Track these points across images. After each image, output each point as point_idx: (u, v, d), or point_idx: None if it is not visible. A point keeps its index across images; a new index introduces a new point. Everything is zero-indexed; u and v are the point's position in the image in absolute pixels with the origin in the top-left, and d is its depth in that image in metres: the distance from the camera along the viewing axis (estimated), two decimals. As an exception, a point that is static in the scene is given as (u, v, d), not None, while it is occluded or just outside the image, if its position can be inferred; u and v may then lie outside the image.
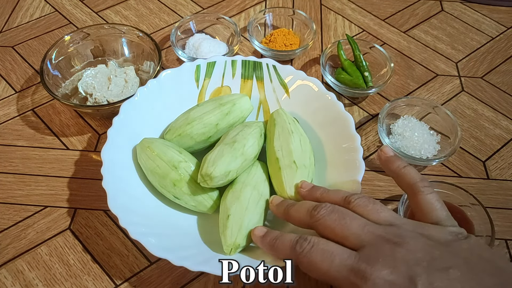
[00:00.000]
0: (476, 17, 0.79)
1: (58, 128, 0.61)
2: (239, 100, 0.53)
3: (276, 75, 0.57)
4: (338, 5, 0.80)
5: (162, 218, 0.48)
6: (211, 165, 0.46)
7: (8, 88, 0.66)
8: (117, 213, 0.43)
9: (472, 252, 0.34)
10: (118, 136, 0.50)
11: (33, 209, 0.53)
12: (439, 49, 0.73)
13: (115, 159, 0.48)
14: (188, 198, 0.48)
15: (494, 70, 0.71)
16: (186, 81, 0.57)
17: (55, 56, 0.62)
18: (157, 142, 0.50)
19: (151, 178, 0.49)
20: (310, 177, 0.48)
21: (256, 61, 0.58)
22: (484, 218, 0.48)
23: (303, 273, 0.48)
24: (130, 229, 0.43)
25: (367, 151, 0.60)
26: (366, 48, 0.68)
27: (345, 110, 0.52)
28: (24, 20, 0.76)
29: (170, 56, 0.71)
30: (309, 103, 0.55)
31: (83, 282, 0.47)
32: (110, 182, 0.46)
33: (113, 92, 0.59)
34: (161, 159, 0.48)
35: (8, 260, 0.49)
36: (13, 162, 0.57)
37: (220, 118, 0.52)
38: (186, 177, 0.48)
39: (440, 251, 0.34)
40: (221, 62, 0.58)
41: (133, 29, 0.65)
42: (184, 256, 0.42)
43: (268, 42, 0.71)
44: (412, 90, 0.67)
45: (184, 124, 0.52)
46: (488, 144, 0.61)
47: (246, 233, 0.44)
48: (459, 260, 0.33)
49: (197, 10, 0.79)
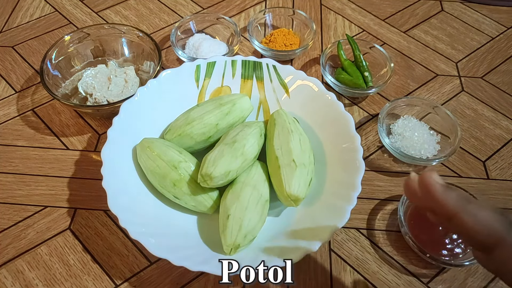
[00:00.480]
0: (476, 17, 0.79)
1: (58, 128, 0.61)
2: (239, 100, 0.54)
3: (276, 75, 0.57)
4: (338, 5, 0.80)
5: (162, 218, 0.48)
6: (211, 165, 0.46)
7: (8, 88, 0.66)
8: (117, 213, 0.43)
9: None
10: (118, 136, 0.50)
11: (33, 209, 0.53)
12: (439, 49, 0.73)
13: (115, 159, 0.48)
14: (188, 198, 0.48)
15: (494, 70, 0.71)
16: (186, 81, 0.57)
17: (55, 56, 0.62)
18: (157, 142, 0.50)
19: (151, 178, 0.49)
20: (309, 176, 0.48)
21: (256, 61, 0.58)
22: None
23: (303, 273, 0.49)
24: (130, 229, 0.43)
25: (367, 151, 0.60)
26: (366, 48, 0.68)
27: (345, 110, 0.52)
28: (24, 20, 0.76)
29: (170, 56, 0.71)
30: (309, 103, 0.55)
31: (83, 282, 0.47)
32: (110, 182, 0.46)
33: (113, 92, 0.59)
34: (161, 159, 0.48)
35: (8, 260, 0.49)
36: (13, 162, 0.57)
37: (220, 118, 0.52)
38: (186, 177, 0.48)
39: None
40: (221, 62, 0.58)
41: (133, 29, 0.65)
42: (184, 256, 0.42)
43: (268, 42, 0.70)
44: (412, 90, 0.67)
45: (184, 124, 0.52)
46: (488, 144, 0.61)
47: (246, 233, 0.44)
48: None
49: (197, 10, 0.79)
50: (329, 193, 0.48)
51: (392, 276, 0.49)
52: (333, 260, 0.50)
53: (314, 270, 0.49)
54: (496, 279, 0.49)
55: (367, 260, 0.50)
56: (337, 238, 0.52)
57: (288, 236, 0.46)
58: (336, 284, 0.48)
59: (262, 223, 0.46)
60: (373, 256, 0.50)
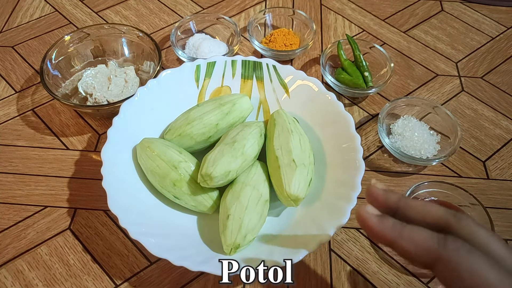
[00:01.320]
0: (476, 17, 0.79)
1: (58, 128, 0.61)
2: (239, 100, 0.54)
3: (276, 75, 0.57)
4: (338, 5, 0.80)
5: (162, 218, 0.48)
6: (211, 165, 0.46)
7: (8, 88, 0.66)
8: (117, 213, 0.43)
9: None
10: (118, 136, 0.50)
11: (33, 209, 0.53)
12: (439, 49, 0.73)
13: (115, 159, 0.48)
14: (188, 198, 0.48)
15: (494, 70, 0.71)
16: (186, 81, 0.57)
17: (55, 56, 0.62)
18: (157, 142, 0.50)
19: (151, 178, 0.49)
20: (309, 176, 0.48)
21: (256, 61, 0.58)
22: (484, 218, 0.48)
23: (303, 273, 0.49)
24: (130, 229, 0.43)
25: (367, 151, 0.60)
26: (366, 48, 0.68)
27: (345, 110, 0.52)
28: (24, 20, 0.76)
29: (170, 56, 0.71)
30: (309, 103, 0.55)
31: (83, 282, 0.47)
32: (110, 182, 0.46)
33: (113, 92, 0.59)
34: (161, 159, 0.48)
35: (8, 260, 0.49)
36: (13, 162, 0.57)
37: (220, 118, 0.52)
38: (186, 177, 0.48)
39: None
40: (221, 62, 0.58)
41: (133, 29, 0.65)
42: (184, 256, 0.42)
43: (268, 42, 0.71)
44: (412, 90, 0.67)
45: (184, 124, 0.52)
46: (488, 144, 0.61)
47: (246, 233, 0.44)
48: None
49: (197, 10, 0.79)
50: (329, 193, 0.48)
51: (392, 276, 0.49)
52: (333, 260, 0.50)
53: (314, 270, 0.49)
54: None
55: (367, 260, 0.50)
56: (337, 238, 0.52)
57: (288, 236, 0.46)
58: (336, 284, 0.48)
59: (262, 223, 0.46)
60: (373, 256, 0.50)
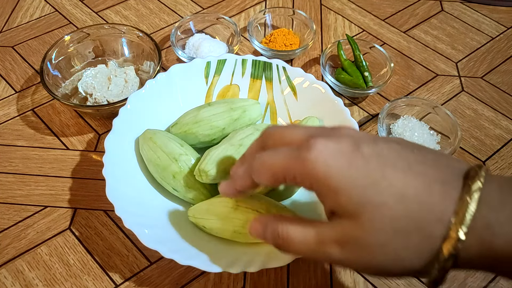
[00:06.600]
0: (476, 17, 0.79)
1: (58, 128, 0.61)
2: (251, 107, 0.54)
3: (285, 77, 0.57)
4: (338, 5, 0.80)
5: (159, 210, 0.48)
6: (211, 163, 0.46)
7: (8, 88, 0.66)
8: (113, 201, 0.44)
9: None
10: (123, 127, 0.50)
11: (33, 209, 0.53)
12: (439, 49, 0.73)
13: (117, 148, 0.49)
14: (187, 191, 0.48)
15: (494, 70, 0.71)
16: (195, 77, 0.57)
17: (55, 56, 0.62)
18: (160, 133, 0.50)
19: (152, 169, 0.49)
20: None
21: (266, 62, 0.58)
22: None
23: (303, 273, 0.49)
24: (124, 218, 0.43)
25: (367, 151, 0.60)
26: (366, 48, 0.68)
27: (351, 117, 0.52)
28: (24, 20, 0.76)
29: (170, 56, 0.71)
30: (316, 106, 0.55)
31: (83, 282, 0.47)
32: (110, 170, 0.46)
33: (113, 92, 0.59)
34: (163, 150, 0.48)
35: (8, 260, 0.49)
36: (13, 162, 0.57)
37: (228, 123, 0.52)
38: (186, 170, 0.48)
39: (383, 139, 0.33)
40: (232, 60, 0.58)
41: (133, 29, 0.65)
42: (175, 249, 0.42)
43: (268, 42, 0.71)
44: (412, 90, 0.67)
45: (191, 122, 0.52)
46: (488, 144, 0.61)
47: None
48: (399, 140, 0.33)
49: (197, 10, 0.79)
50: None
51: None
52: (333, 260, 0.50)
53: (314, 270, 0.49)
54: (496, 279, 0.49)
55: (367, 260, 0.50)
56: (337, 238, 0.52)
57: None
58: (336, 284, 0.48)
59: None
60: (373, 256, 0.50)
